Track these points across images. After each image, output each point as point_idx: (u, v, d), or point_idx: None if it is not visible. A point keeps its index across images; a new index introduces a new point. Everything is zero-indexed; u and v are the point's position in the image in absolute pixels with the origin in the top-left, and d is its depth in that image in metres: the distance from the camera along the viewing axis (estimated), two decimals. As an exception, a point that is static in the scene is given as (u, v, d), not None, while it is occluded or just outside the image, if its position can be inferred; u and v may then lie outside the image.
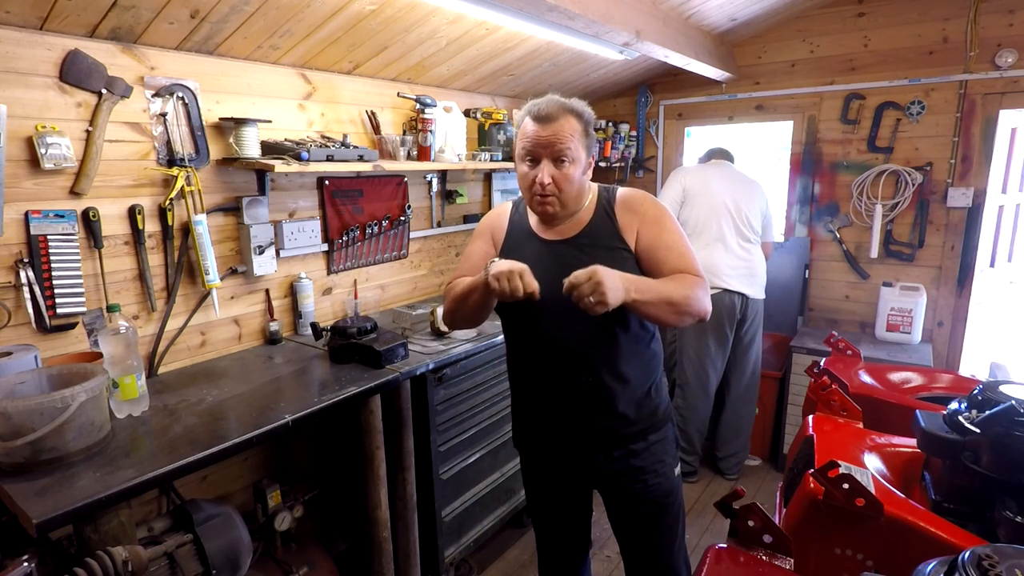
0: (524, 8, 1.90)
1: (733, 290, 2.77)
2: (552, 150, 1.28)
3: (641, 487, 1.43)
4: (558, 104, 1.31)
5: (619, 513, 1.51)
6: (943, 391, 1.86)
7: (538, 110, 1.31)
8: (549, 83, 3.17)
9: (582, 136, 1.32)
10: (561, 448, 1.47)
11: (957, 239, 2.91)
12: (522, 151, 1.33)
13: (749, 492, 2.94)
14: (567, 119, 1.30)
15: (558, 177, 1.30)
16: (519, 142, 1.34)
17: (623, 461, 1.42)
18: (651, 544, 1.50)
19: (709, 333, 2.82)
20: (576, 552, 1.65)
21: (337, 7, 1.87)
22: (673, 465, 1.48)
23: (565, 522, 1.60)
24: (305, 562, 1.91)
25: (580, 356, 1.35)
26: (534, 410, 1.48)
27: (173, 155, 1.88)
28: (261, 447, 2.22)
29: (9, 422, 1.25)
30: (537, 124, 1.30)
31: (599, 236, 1.36)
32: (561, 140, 1.28)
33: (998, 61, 2.70)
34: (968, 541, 1.05)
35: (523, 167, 1.34)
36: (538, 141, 1.29)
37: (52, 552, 1.42)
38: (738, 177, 2.91)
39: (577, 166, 1.32)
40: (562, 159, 1.29)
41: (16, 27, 1.54)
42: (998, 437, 1.14)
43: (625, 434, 1.40)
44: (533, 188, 1.31)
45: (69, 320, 1.71)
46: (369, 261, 2.63)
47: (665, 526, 1.49)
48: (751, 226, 2.84)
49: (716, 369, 2.90)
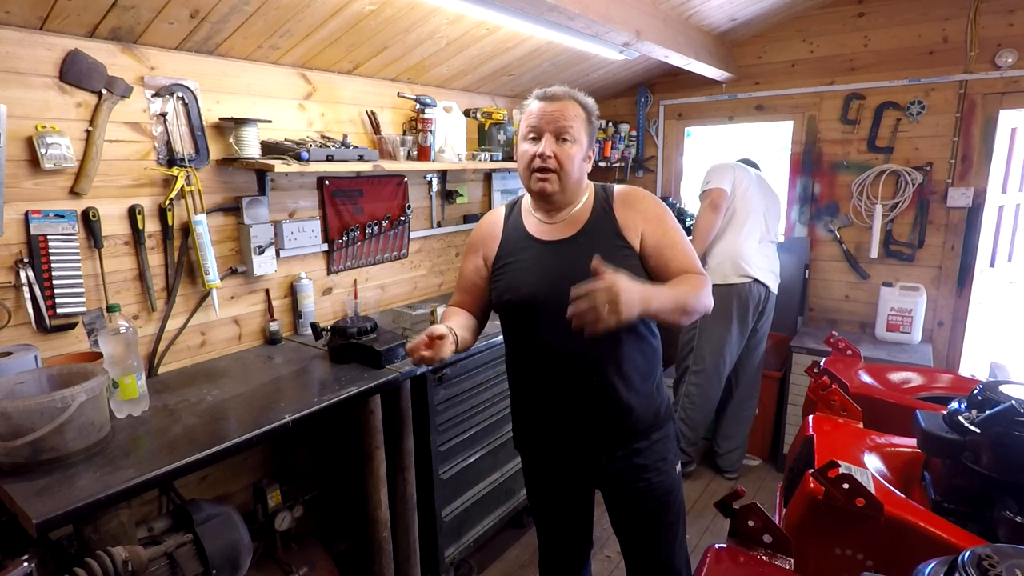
0: (524, 8, 1.90)
1: (761, 281, 2.82)
2: (556, 126, 1.30)
3: (644, 485, 1.43)
4: (565, 89, 1.34)
5: (621, 512, 1.51)
6: (943, 391, 1.86)
7: (545, 91, 1.34)
8: (549, 83, 3.14)
9: (585, 122, 1.34)
10: (564, 449, 1.47)
11: (957, 239, 2.92)
12: (525, 129, 1.34)
13: (749, 492, 2.94)
14: (572, 102, 1.33)
15: (559, 153, 1.30)
16: (523, 123, 1.35)
17: (626, 460, 1.42)
18: (652, 542, 1.50)
19: (735, 319, 2.83)
20: (578, 552, 1.65)
21: (337, 7, 1.87)
22: (675, 463, 1.48)
23: (568, 523, 1.60)
24: (305, 562, 1.90)
25: (585, 356, 1.34)
26: (536, 412, 1.47)
27: (173, 155, 1.88)
28: (261, 447, 2.22)
29: (9, 422, 1.25)
30: (543, 102, 1.32)
31: (599, 234, 1.35)
32: (565, 117, 1.30)
33: (998, 61, 2.70)
34: (968, 541, 1.05)
35: (525, 145, 1.34)
36: (542, 116, 1.31)
37: (52, 552, 1.42)
38: (767, 187, 3.01)
39: (579, 148, 1.33)
40: (564, 137, 1.30)
41: (16, 27, 1.54)
42: (998, 437, 1.14)
43: (629, 433, 1.40)
44: (533, 163, 1.31)
45: (69, 320, 1.71)
46: (369, 261, 2.63)
47: (666, 524, 1.49)
48: (772, 231, 2.96)
49: (732, 357, 2.92)
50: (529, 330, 1.40)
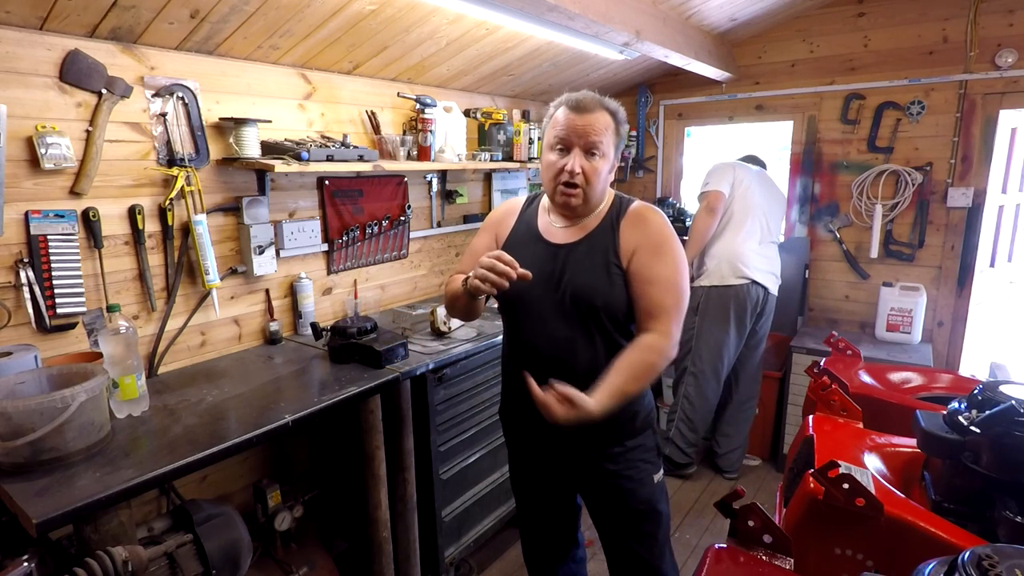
0: (524, 8, 1.90)
1: (759, 282, 2.81)
2: (586, 140, 1.28)
3: (617, 491, 1.43)
4: (595, 98, 1.30)
5: (597, 515, 1.52)
6: (943, 391, 1.86)
7: (575, 100, 1.30)
8: (549, 83, 3.17)
9: (614, 134, 1.32)
10: (541, 444, 1.48)
11: (957, 239, 2.92)
12: (553, 139, 1.31)
13: (749, 492, 2.94)
14: (602, 113, 1.29)
15: (587, 169, 1.28)
16: (550, 131, 1.32)
17: (597, 464, 1.42)
18: (629, 548, 1.49)
19: (732, 321, 2.83)
20: (558, 550, 1.65)
21: (337, 7, 1.87)
22: (652, 472, 1.46)
23: (546, 518, 1.61)
24: (305, 562, 1.91)
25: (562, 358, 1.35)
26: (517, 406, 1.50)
27: (173, 155, 1.88)
28: (261, 447, 2.22)
29: (9, 422, 1.25)
30: (573, 113, 1.29)
31: (597, 249, 1.34)
32: (596, 131, 1.27)
33: (998, 61, 2.70)
34: (968, 541, 1.05)
35: (551, 156, 1.31)
36: (573, 129, 1.28)
37: (52, 552, 1.42)
38: (770, 185, 2.99)
39: (606, 162, 1.31)
40: (593, 151, 1.28)
41: (16, 27, 1.54)
42: (998, 437, 1.14)
43: (599, 437, 1.39)
44: (559, 177, 1.29)
45: (69, 320, 1.71)
46: (369, 261, 2.63)
47: (643, 532, 1.47)
48: (773, 231, 2.94)
49: (731, 358, 2.91)
50: (516, 325, 1.43)
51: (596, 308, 1.32)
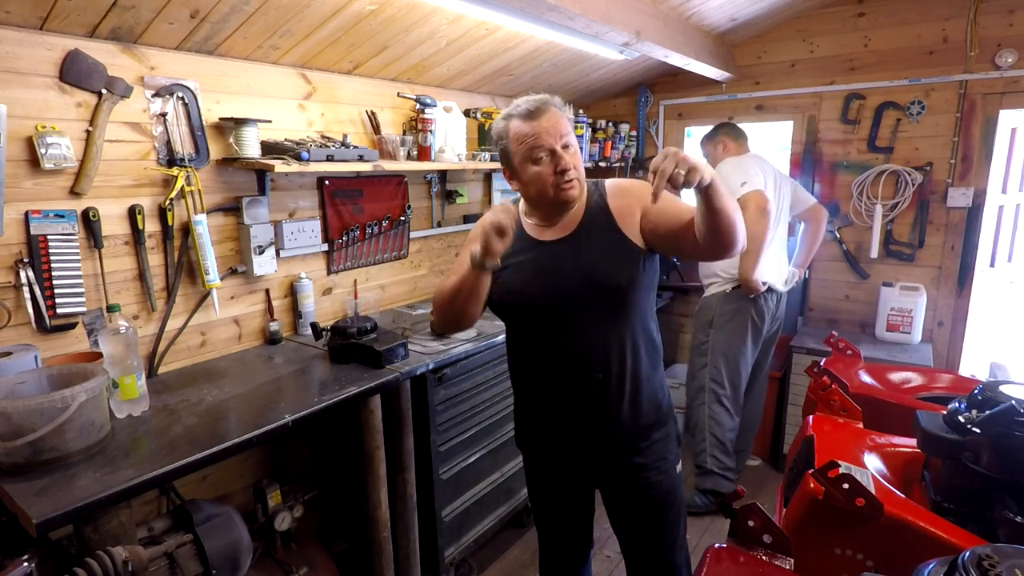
0: (524, 8, 1.90)
1: (777, 289, 2.74)
2: (560, 138, 1.28)
3: (644, 484, 1.43)
4: (539, 99, 1.30)
5: (621, 511, 1.51)
6: (943, 391, 1.86)
7: (524, 110, 1.28)
8: (549, 83, 3.17)
9: (571, 124, 1.34)
10: (567, 448, 1.47)
11: (957, 239, 2.91)
12: (526, 151, 1.28)
13: (749, 492, 2.93)
14: (552, 108, 1.30)
15: (574, 161, 1.30)
16: (520, 147, 1.29)
17: (627, 459, 1.42)
18: (652, 542, 1.50)
19: (748, 334, 2.71)
20: (578, 552, 1.65)
21: (337, 7, 1.87)
22: (675, 463, 1.48)
23: (568, 522, 1.60)
24: (305, 562, 1.90)
25: (589, 354, 1.34)
26: (540, 411, 1.47)
27: (173, 155, 1.88)
28: (261, 447, 2.22)
29: (9, 422, 1.25)
30: (532, 120, 1.27)
31: (596, 228, 1.35)
32: (563, 126, 1.29)
33: (998, 61, 2.70)
34: (968, 541, 1.05)
35: (535, 167, 1.28)
36: (544, 133, 1.26)
37: (52, 552, 1.42)
38: (771, 170, 2.77)
39: (578, 151, 1.33)
40: (567, 144, 1.29)
41: (16, 27, 1.54)
42: (998, 437, 1.14)
43: (631, 432, 1.40)
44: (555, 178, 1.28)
45: (69, 320, 1.71)
46: (369, 261, 2.63)
47: (666, 524, 1.49)
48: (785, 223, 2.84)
49: (748, 370, 2.80)
50: (532, 330, 1.40)
51: (621, 287, 1.31)
